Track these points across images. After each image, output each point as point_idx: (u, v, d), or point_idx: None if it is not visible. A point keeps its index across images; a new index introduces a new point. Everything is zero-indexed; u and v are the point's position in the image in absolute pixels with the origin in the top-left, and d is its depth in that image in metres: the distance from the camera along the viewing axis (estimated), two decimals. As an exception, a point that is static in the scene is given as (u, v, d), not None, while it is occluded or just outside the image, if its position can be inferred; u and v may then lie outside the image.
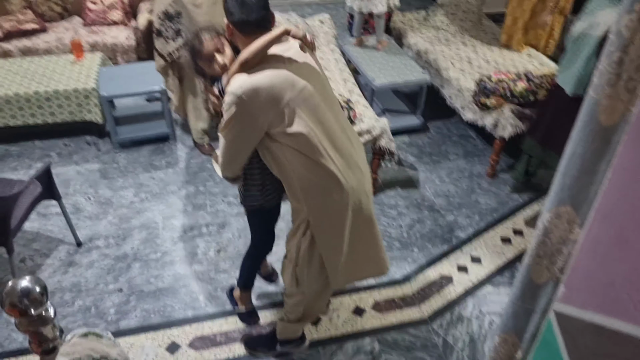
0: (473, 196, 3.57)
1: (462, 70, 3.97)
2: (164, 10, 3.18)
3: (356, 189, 1.95)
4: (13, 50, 4.31)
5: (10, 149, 3.88)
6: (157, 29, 3.24)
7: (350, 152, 1.96)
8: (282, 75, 1.77)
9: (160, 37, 3.23)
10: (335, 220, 1.97)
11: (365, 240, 2.12)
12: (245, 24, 1.77)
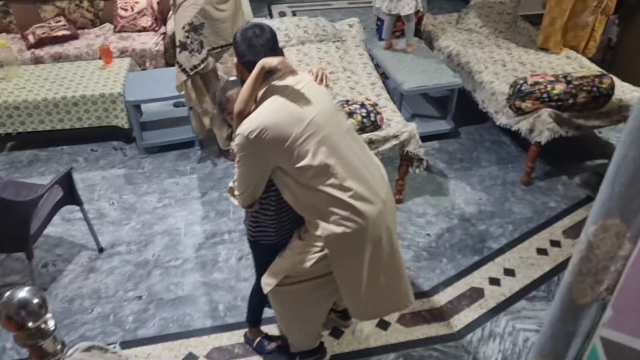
0: (506, 205, 3.39)
1: (496, 74, 3.80)
2: (189, 22, 3.03)
3: (376, 220, 1.87)
4: (44, 56, 4.37)
5: (39, 154, 3.91)
6: (181, 41, 3.06)
7: (369, 183, 1.89)
8: (288, 110, 1.79)
9: (184, 50, 3.05)
10: (352, 252, 1.91)
11: (386, 273, 2.02)
12: (253, 65, 1.79)
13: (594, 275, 1.27)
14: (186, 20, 3.02)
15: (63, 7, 4.75)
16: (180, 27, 3.05)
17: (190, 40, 3.01)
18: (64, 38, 4.51)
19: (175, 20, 3.11)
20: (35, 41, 4.40)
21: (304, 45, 4.27)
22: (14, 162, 3.83)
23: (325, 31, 4.36)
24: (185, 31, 3.02)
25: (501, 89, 3.59)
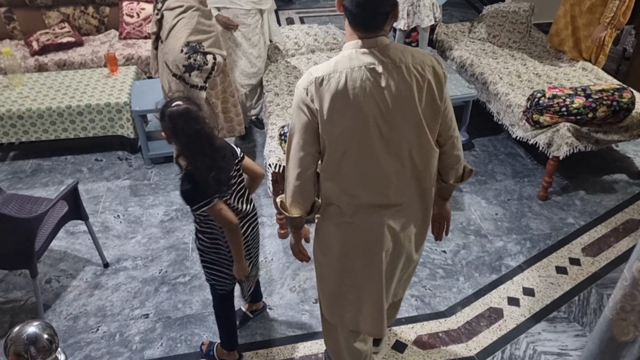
0: (523, 220, 3.30)
1: (511, 85, 3.71)
2: (185, 44, 2.75)
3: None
4: (49, 63, 4.28)
5: (43, 163, 3.82)
6: (185, 65, 2.77)
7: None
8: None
9: (193, 70, 2.79)
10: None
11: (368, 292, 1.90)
12: (354, 16, 1.55)
13: (639, 313, 1.19)
14: (181, 43, 2.75)
15: (68, 14, 4.67)
16: (177, 51, 2.75)
17: (193, 59, 2.78)
18: (68, 45, 4.42)
19: (168, 49, 2.78)
20: (40, 48, 4.32)
21: (314, 54, 4.19)
22: (17, 172, 3.74)
23: (335, 39, 4.28)
24: (184, 54, 2.75)
25: (517, 101, 3.50)
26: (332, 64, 1.58)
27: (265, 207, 3.38)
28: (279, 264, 2.99)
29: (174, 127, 1.82)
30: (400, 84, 1.57)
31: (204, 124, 1.85)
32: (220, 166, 1.90)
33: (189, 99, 1.92)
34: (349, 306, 1.94)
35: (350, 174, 1.68)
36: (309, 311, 2.71)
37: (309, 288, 2.83)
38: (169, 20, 2.74)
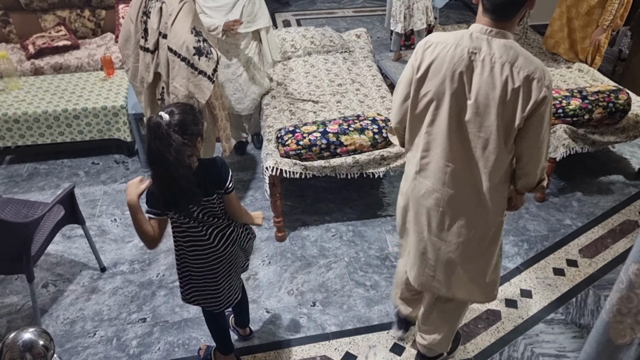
0: (521, 222, 3.30)
1: (507, 86, 3.71)
2: (192, 27, 2.70)
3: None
4: (45, 66, 4.27)
5: (39, 167, 3.81)
6: (195, 47, 2.68)
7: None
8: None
9: (201, 55, 2.69)
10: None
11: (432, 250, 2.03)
12: (493, 5, 1.62)
13: (635, 316, 1.19)
14: (189, 25, 2.69)
15: (64, 17, 4.66)
16: (187, 32, 2.67)
17: (202, 44, 2.70)
18: (64, 48, 4.41)
19: (176, 33, 2.70)
20: (36, 51, 4.31)
21: (310, 56, 4.19)
22: (13, 175, 3.72)
23: (332, 42, 4.28)
24: (194, 35, 2.67)
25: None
26: (450, 36, 1.70)
27: (262, 209, 3.37)
28: (276, 267, 2.99)
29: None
30: (488, 79, 1.63)
31: (172, 147, 1.70)
32: (176, 193, 1.79)
33: (186, 111, 1.79)
34: (402, 249, 2.20)
35: (421, 135, 1.81)
36: (307, 314, 2.71)
37: (307, 291, 2.83)
38: (173, 5, 2.65)
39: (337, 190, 3.56)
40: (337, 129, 2.92)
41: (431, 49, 1.71)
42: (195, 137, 1.79)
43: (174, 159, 1.70)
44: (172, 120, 1.71)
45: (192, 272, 2.07)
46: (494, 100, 1.64)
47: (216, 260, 2.03)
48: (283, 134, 2.95)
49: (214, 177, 1.91)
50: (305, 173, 2.95)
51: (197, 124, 1.80)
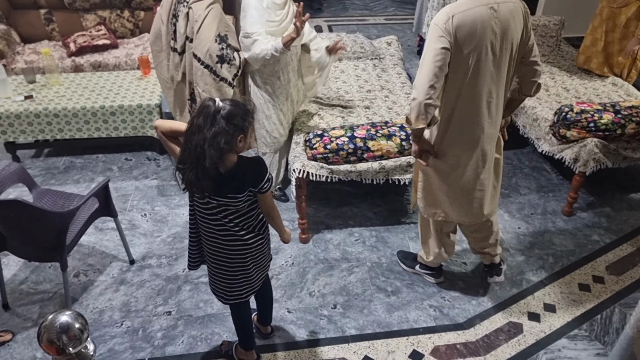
0: (547, 235, 3.27)
1: (539, 99, 3.69)
2: (217, 34, 2.79)
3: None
4: (84, 64, 4.43)
5: (75, 161, 3.95)
6: (219, 55, 2.80)
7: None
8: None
9: (224, 63, 2.82)
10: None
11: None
12: None
13: (661, 331, 1.18)
14: (214, 32, 2.79)
15: (104, 17, 4.82)
16: (212, 41, 2.78)
17: (225, 51, 2.82)
18: (104, 47, 4.56)
19: (201, 40, 2.80)
20: (76, 49, 4.47)
21: (341, 62, 4.24)
22: (50, 168, 3.87)
23: (363, 48, 4.32)
24: (218, 43, 2.79)
25: (544, 114, 3.48)
26: (461, 4, 2.07)
27: (288, 211, 3.42)
28: (299, 268, 3.03)
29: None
30: (509, 17, 2.07)
31: (214, 128, 1.80)
32: (198, 171, 1.85)
33: (238, 106, 1.87)
34: (446, 201, 2.51)
35: (467, 90, 2.17)
36: (327, 316, 2.74)
37: (328, 293, 2.87)
38: (199, 11, 2.74)
39: (362, 195, 3.59)
40: (365, 134, 2.96)
41: (456, 18, 2.04)
42: (238, 130, 1.85)
43: (211, 137, 1.79)
44: (223, 107, 1.82)
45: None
46: (517, 32, 2.11)
47: (260, 245, 2.16)
48: (311, 137, 3.00)
49: (250, 174, 1.97)
50: (331, 177, 2.99)
51: (244, 120, 1.87)
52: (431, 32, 2.11)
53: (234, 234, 2.06)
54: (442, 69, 2.11)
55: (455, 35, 2.05)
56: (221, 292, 2.25)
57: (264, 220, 2.17)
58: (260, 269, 2.26)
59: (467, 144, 2.33)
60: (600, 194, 3.61)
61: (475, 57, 2.10)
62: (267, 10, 2.77)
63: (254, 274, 2.22)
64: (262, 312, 2.55)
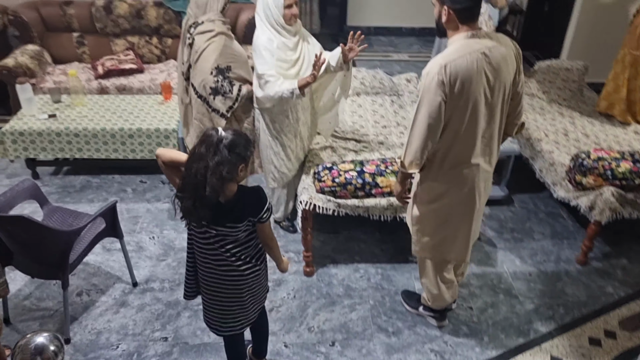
0: (559, 284, 3.17)
1: (557, 143, 3.63)
2: (215, 66, 2.85)
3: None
4: (110, 87, 4.55)
5: (92, 180, 4.02)
6: (212, 87, 2.86)
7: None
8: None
9: (217, 95, 2.88)
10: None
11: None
12: (468, 13, 2.05)
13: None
14: (211, 65, 2.84)
15: (133, 42, 4.98)
16: (207, 73, 2.84)
17: (220, 84, 2.86)
18: (130, 71, 4.70)
19: (197, 71, 2.89)
20: (104, 72, 4.60)
21: (359, 97, 4.26)
22: (67, 186, 3.95)
23: (382, 84, 4.34)
24: (213, 76, 2.84)
25: (561, 159, 3.41)
26: (452, 53, 2.05)
27: (295, 243, 3.40)
28: (300, 302, 2.99)
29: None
30: (501, 61, 2.08)
31: (216, 157, 1.81)
32: (197, 199, 1.85)
33: (240, 135, 1.90)
34: (442, 241, 2.48)
35: (462, 133, 2.16)
36: (325, 354, 2.68)
37: (328, 330, 2.81)
38: (199, 43, 2.83)
39: (370, 231, 3.55)
40: (374, 169, 2.94)
41: (450, 67, 2.03)
42: (240, 159, 1.87)
43: (214, 166, 1.81)
44: (225, 137, 1.84)
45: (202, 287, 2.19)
46: (509, 74, 2.14)
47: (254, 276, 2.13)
48: (320, 170, 3.00)
49: (250, 204, 1.98)
50: (338, 210, 2.96)
51: (246, 149, 1.90)
52: (425, 82, 2.09)
53: (230, 264, 2.05)
54: (437, 122, 2.11)
55: (449, 84, 2.04)
56: (215, 324, 2.23)
57: (262, 251, 2.16)
58: (257, 300, 2.23)
59: (462, 183, 2.30)
60: (618, 244, 3.49)
61: (470, 103, 2.10)
62: (278, 51, 2.80)
63: (250, 306, 2.20)
64: (257, 345, 2.52)
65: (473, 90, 2.07)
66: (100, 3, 4.85)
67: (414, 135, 2.17)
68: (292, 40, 2.84)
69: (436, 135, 2.15)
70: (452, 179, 2.30)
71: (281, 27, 2.79)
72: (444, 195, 2.35)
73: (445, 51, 2.10)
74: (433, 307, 2.81)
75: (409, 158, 2.23)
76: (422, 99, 2.11)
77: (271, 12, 2.75)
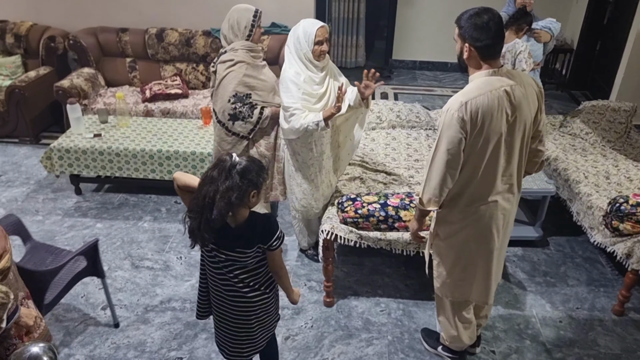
0: (591, 334, 2.99)
1: (597, 186, 3.48)
2: (233, 94, 2.98)
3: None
4: (155, 110, 4.76)
5: (129, 198, 4.18)
6: (231, 114, 3.02)
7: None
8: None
9: (237, 120, 3.03)
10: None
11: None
12: (491, 49, 2.04)
13: None
14: (229, 93, 2.97)
15: (181, 68, 5.20)
16: (225, 101, 3.00)
17: (238, 110, 2.99)
18: (175, 96, 4.90)
19: (218, 98, 3.06)
20: (151, 96, 4.82)
21: (394, 129, 4.26)
22: (106, 202, 4.11)
23: (418, 118, 4.33)
24: (231, 103, 2.98)
25: (599, 203, 3.27)
26: (473, 90, 2.04)
27: (316, 272, 3.39)
28: (317, 332, 2.96)
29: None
30: (522, 100, 2.07)
31: (228, 182, 1.84)
32: (204, 221, 1.88)
33: (254, 162, 1.94)
34: (461, 281, 2.42)
35: (481, 172, 2.14)
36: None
37: None
38: (220, 72, 3.02)
39: (395, 265, 3.49)
40: (398, 203, 2.91)
41: (470, 104, 2.01)
42: (252, 185, 1.91)
43: (223, 190, 1.84)
44: (239, 163, 1.89)
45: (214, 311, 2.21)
46: (529, 112, 2.11)
47: (239, 307, 2.11)
48: (344, 200, 2.99)
49: (260, 230, 1.99)
50: (360, 242, 2.94)
51: (259, 175, 1.93)
52: (445, 118, 2.07)
53: (237, 290, 2.06)
54: (457, 159, 2.09)
55: (470, 121, 2.02)
56: (223, 347, 2.24)
57: (272, 279, 2.16)
58: (265, 329, 2.23)
59: (479, 220, 2.26)
60: (660, 297, 3.28)
61: (490, 140, 2.08)
62: (305, 85, 2.85)
63: (258, 334, 2.20)
64: None
65: (493, 127, 2.05)
66: (153, 31, 5.11)
67: (433, 172, 2.15)
68: (319, 75, 2.90)
69: (456, 172, 2.12)
70: (468, 216, 2.26)
71: (309, 61, 2.85)
72: (460, 232, 2.31)
73: (466, 88, 2.09)
74: (451, 348, 2.72)
75: (427, 195, 2.20)
76: (442, 136, 2.09)
77: (301, 46, 2.82)
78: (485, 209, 2.23)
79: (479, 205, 2.22)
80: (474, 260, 2.37)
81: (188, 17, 5.32)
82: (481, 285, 2.44)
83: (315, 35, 2.77)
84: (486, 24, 2.00)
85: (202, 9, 5.29)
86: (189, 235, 1.98)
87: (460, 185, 2.19)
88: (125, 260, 3.48)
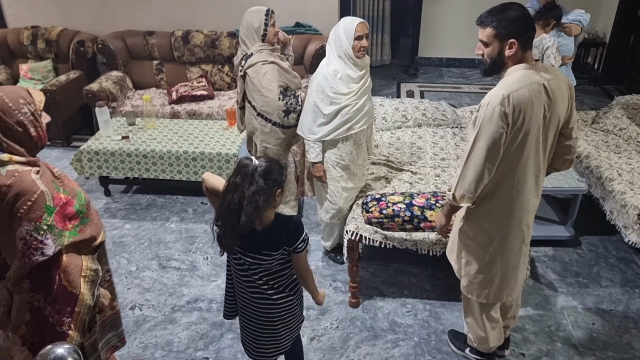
0: (625, 337, 2.90)
1: (631, 183, 3.37)
2: (279, 93, 3.02)
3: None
4: (181, 112, 4.81)
5: (157, 199, 4.23)
6: (284, 111, 3.05)
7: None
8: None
9: (290, 113, 3.07)
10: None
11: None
12: (530, 41, 2.05)
13: None
14: (276, 92, 3.01)
15: (207, 70, 5.24)
16: (275, 100, 3.02)
17: (289, 103, 3.05)
18: (201, 97, 4.94)
19: (266, 104, 3.06)
20: (177, 98, 4.88)
21: (420, 128, 4.20)
22: (135, 203, 4.18)
23: (444, 116, 4.26)
24: (282, 100, 3.03)
25: (634, 202, 3.16)
26: (514, 83, 1.99)
27: (342, 273, 3.37)
28: (343, 332, 2.94)
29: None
30: (558, 94, 2.05)
31: (253, 186, 1.85)
32: (232, 227, 1.89)
33: (274, 162, 1.94)
34: (491, 280, 2.37)
35: (517, 166, 2.10)
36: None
37: None
38: (254, 76, 3.00)
39: (422, 265, 3.44)
40: (424, 202, 2.87)
41: (512, 98, 1.96)
42: (277, 185, 1.92)
43: (250, 195, 1.85)
44: (260, 165, 1.89)
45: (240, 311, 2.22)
46: (564, 108, 2.10)
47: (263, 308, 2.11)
48: (368, 200, 2.97)
49: (286, 233, 1.99)
50: (385, 243, 2.91)
51: (281, 174, 1.94)
52: (485, 112, 2.02)
53: (262, 292, 2.06)
54: (496, 154, 2.04)
55: (512, 115, 1.98)
56: (248, 346, 2.25)
57: (297, 281, 2.15)
58: (290, 330, 2.22)
59: (511, 218, 2.22)
60: (700, 299, 3.15)
61: (528, 135, 2.04)
62: (340, 82, 2.87)
63: (283, 336, 2.20)
64: None
65: (532, 122, 2.02)
66: (179, 33, 5.17)
67: (469, 167, 2.10)
68: (358, 73, 2.90)
69: (493, 168, 2.08)
70: (500, 213, 2.21)
71: (349, 58, 2.84)
72: (490, 229, 2.26)
73: (506, 81, 2.04)
74: (479, 350, 2.66)
75: (461, 191, 2.16)
76: (481, 130, 2.04)
77: (341, 42, 2.82)
78: (518, 206, 2.19)
79: (511, 202, 2.18)
80: (502, 257, 2.32)
81: (213, 19, 5.37)
82: (512, 283, 2.39)
83: (355, 30, 2.78)
84: (524, 15, 1.99)
85: (226, 11, 5.33)
86: (218, 244, 1.99)
87: (494, 182, 2.15)
88: (152, 260, 3.53)
